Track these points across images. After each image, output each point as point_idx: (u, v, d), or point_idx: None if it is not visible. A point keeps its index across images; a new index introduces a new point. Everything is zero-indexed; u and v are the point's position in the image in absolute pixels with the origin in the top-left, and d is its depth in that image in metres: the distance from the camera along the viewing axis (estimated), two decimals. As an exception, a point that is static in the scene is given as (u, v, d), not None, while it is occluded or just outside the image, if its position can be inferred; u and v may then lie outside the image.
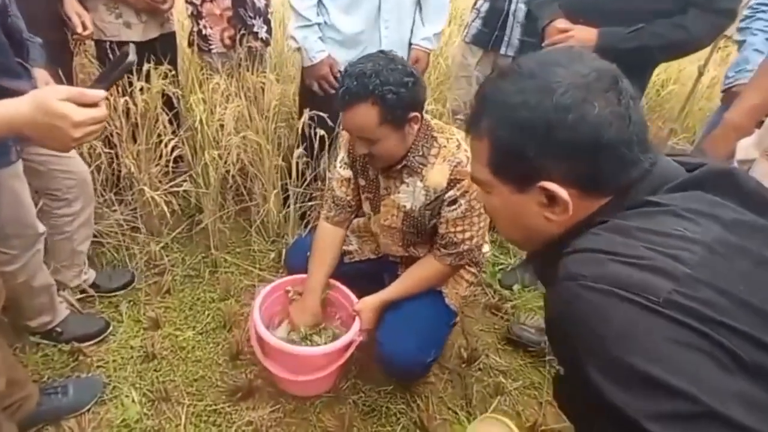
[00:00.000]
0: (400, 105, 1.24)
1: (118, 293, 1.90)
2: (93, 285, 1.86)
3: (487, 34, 2.25)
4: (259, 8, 2.25)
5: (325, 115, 1.85)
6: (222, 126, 1.92)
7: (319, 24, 1.83)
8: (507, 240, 0.83)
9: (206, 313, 1.88)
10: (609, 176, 0.64)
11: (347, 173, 1.54)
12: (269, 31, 2.35)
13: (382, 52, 1.30)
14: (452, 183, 1.35)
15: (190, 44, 2.30)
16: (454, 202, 1.37)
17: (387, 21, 1.83)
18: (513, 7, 2.17)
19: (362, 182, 1.54)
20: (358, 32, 1.84)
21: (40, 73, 1.37)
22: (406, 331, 1.44)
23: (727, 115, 1.38)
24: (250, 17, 2.25)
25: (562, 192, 0.64)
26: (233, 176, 2.02)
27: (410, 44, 1.97)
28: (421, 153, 1.37)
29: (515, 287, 2.11)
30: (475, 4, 2.36)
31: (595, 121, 0.61)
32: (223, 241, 2.14)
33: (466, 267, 1.60)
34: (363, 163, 1.50)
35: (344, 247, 1.70)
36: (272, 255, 2.13)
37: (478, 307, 2.02)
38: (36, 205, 1.49)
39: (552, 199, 0.65)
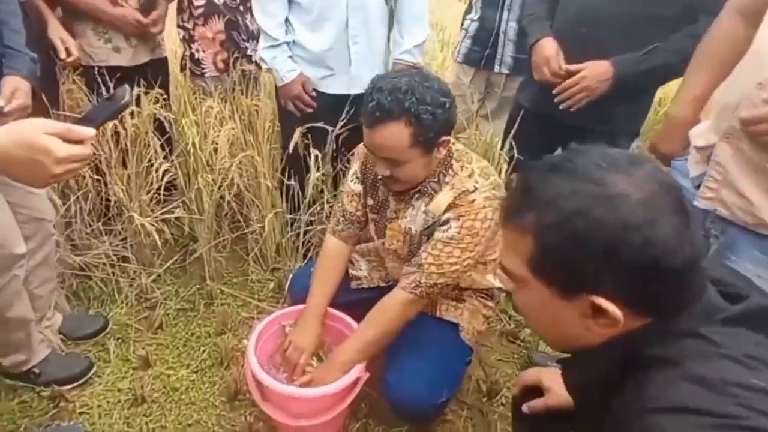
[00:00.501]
0: (434, 127, 1.14)
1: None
2: (60, 332, 1.69)
3: (478, 53, 2.22)
4: (252, 31, 2.20)
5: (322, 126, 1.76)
6: (216, 150, 1.83)
7: (287, 43, 1.76)
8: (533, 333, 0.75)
9: (201, 349, 1.74)
10: (663, 299, 0.59)
11: (358, 188, 1.45)
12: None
13: (414, 67, 1.21)
14: (450, 207, 1.24)
15: (182, 68, 2.24)
16: (445, 222, 1.24)
17: (355, 37, 1.75)
18: (503, 26, 2.14)
19: (370, 202, 1.43)
20: (325, 49, 1.75)
21: (10, 80, 1.28)
22: (415, 370, 1.30)
23: (670, 110, 1.32)
24: (244, 40, 2.20)
25: (614, 309, 0.57)
26: (228, 202, 1.91)
27: (386, 61, 1.89)
28: (437, 179, 1.27)
29: None
30: (462, 23, 2.33)
31: (664, 245, 0.55)
32: (219, 271, 2.01)
33: (482, 300, 1.48)
34: (374, 181, 1.40)
35: (352, 272, 1.59)
36: (271, 285, 2.00)
37: (493, 335, 1.88)
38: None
39: (598, 311, 0.59)
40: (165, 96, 1.87)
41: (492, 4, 2.13)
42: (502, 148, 1.86)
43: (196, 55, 2.13)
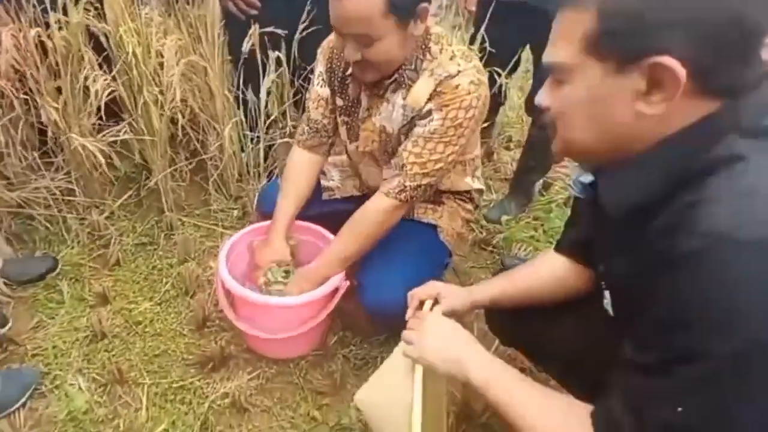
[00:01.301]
0: None
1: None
2: (2, 277, 1.52)
3: None
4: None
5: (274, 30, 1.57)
6: (161, 65, 1.62)
7: None
8: (570, 152, 0.65)
9: (164, 281, 1.60)
10: (727, 68, 0.52)
11: (325, 91, 1.29)
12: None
13: None
14: (432, 96, 1.09)
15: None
16: (428, 114, 1.10)
17: None
18: None
19: (340, 102, 1.27)
20: None
21: None
22: (391, 272, 1.19)
23: None
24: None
25: (677, 65, 0.50)
26: (182, 127, 1.73)
27: None
28: (413, 66, 1.11)
29: (503, 218, 1.94)
30: None
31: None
32: (178, 203, 1.85)
33: (461, 203, 1.38)
34: (342, 78, 1.24)
35: (324, 183, 1.46)
36: (236, 213, 1.86)
37: (466, 245, 1.81)
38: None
39: (655, 84, 0.52)
40: (97, 5, 1.63)
41: None
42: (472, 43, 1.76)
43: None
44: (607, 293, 0.71)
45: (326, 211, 1.43)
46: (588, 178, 0.68)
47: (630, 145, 0.58)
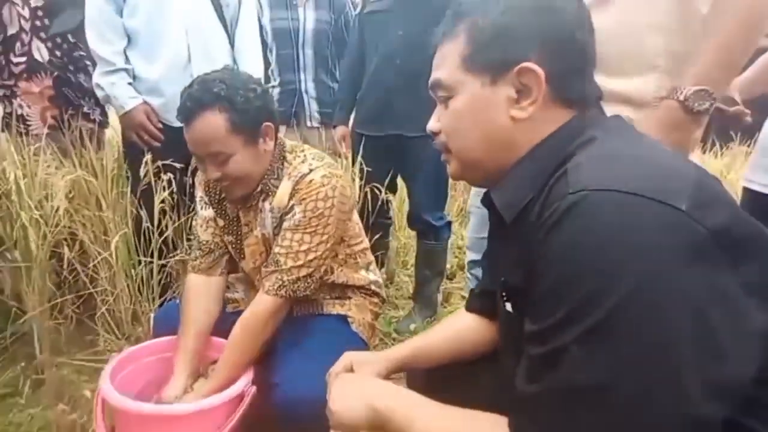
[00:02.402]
0: (250, 111, 1.13)
1: None
2: None
3: (286, 112, 2.35)
4: (88, 89, 2.05)
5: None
6: (47, 197, 1.56)
7: (126, 70, 1.69)
8: (463, 168, 0.74)
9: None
10: (574, 79, 0.66)
11: (210, 213, 1.34)
12: (104, 114, 2.14)
13: (225, 67, 1.22)
14: (293, 195, 1.20)
15: (2, 129, 1.96)
16: (290, 210, 1.19)
17: (199, 65, 1.71)
18: (303, 86, 2.37)
19: (221, 222, 1.33)
20: (165, 80, 1.70)
21: None
22: (307, 367, 1.09)
23: None
24: (78, 97, 2.03)
25: (538, 69, 0.63)
26: (69, 260, 1.60)
27: None
28: (276, 175, 1.23)
29: (412, 327, 2.03)
30: None
31: (575, 15, 0.66)
32: (56, 346, 1.62)
33: (366, 297, 1.41)
34: (220, 200, 1.32)
35: (228, 295, 1.41)
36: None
37: (376, 339, 1.79)
38: None
39: (523, 90, 0.65)
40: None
41: (288, 69, 2.35)
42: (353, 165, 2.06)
43: (20, 111, 1.90)
44: (507, 303, 0.73)
45: (233, 322, 1.36)
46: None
47: (509, 152, 0.67)
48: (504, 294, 0.71)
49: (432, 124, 0.75)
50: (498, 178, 0.70)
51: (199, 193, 1.35)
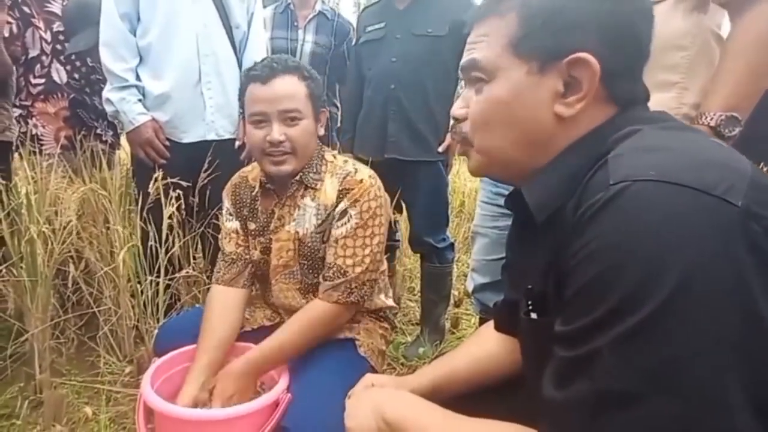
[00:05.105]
0: (319, 90, 1.23)
1: None
2: None
3: None
4: (101, 111, 2.09)
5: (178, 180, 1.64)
6: (56, 213, 1.56)
7: (137, 87, 1.71)
8: (485, 163, 0.66)
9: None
10: (627, 76, 0.59)
11: (234, 224, 1.34)
12: (116, 136, 2.17)
13: None
14: (342, 193, 1.21)
15: (17, 148, 1.98)
16: (344, 214, 1.20)
17: (208, 84, 1.76)
18: None
19: (252, 226, 1.32)
20: (175, 95, 1.72)
21: None
22: (317, 408, 1.06)
23: None
24: (92, 119, 2.07)
25: (593, 61, 0.56)
26: (74, 278, 1.59)
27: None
28: (315, 169, 1.25)
29: (420, 351, 1.99)
30: None
31: (640, 7, 0.59)
32: (57, 368, 1.59)
33: (376, 321, 1.39)
34: (251, 201, 1.32)
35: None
36: (128, 370, 1.63)
37: (384, 363, 1.74)
38: None
39: (571, 84, 0.58)
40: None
41: None
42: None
43: (34, 131, 1.93)
44: (533, 313, 0.66)
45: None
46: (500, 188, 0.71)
47: (544, 150, 0.60)
48: (529, 303, 0.66)
49: (457, 110, 0.66)
50: (524, 176, 0.63)
51: (226, 204, 1.35)
